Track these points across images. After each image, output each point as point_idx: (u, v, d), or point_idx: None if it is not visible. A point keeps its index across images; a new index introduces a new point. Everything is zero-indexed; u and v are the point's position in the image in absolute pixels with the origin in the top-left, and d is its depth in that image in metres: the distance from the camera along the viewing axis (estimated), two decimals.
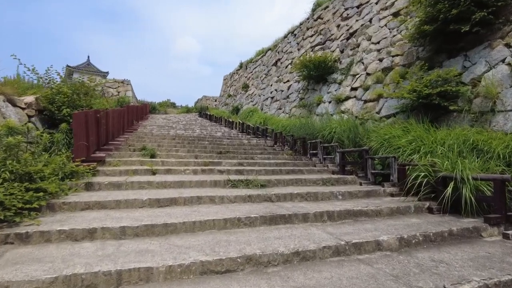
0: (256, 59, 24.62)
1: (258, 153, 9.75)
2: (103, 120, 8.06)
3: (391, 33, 10.59)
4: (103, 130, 8.18)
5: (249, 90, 23.87)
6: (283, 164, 7.99)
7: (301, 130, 10.11)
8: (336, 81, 12.23)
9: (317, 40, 15.77)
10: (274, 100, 17.87)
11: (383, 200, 5.29)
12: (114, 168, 6.26)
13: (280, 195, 4.93)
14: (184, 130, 14.47)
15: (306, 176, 6.73)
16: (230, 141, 11.68)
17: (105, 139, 8.50)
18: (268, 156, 9.02)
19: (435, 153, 5.50)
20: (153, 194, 4.69)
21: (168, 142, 10.39)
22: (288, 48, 19.13)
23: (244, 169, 6.75)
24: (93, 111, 7.24)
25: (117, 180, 5.22)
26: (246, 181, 5.65)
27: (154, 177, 5.74)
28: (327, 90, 12.58)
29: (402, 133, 6.63)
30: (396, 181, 5.92)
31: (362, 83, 10.70)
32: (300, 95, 14.66)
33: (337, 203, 4.88)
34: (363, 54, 11.42)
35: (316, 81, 13.41)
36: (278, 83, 18.25)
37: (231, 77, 30.83)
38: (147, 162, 6.88)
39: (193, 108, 36.65)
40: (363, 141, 7.44)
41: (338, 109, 11.15)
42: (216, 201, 4.57)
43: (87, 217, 3.74)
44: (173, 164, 7.08)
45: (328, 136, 8.79)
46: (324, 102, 12.31)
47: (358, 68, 11.38)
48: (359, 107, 10.26)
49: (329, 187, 5.92)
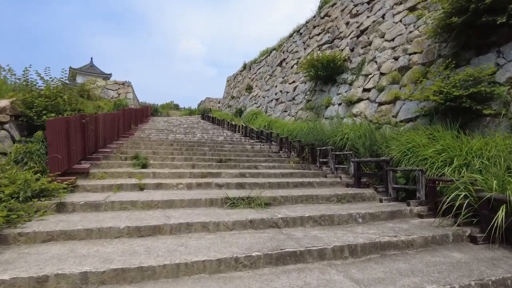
0: (260, 59, 23.79)
1: (262, 160, 8.91)
2: (91, 125, 7.30)
3: (407, 29, 9.70)
4: (91, 137, 7.41)
5: (252, 91, 23.05)
6: (290, 174, 7.14)
7: (309, 136, 9.25)
8: (346, 82, 11.35)
9: (325, 38, 14.91)
10: (279, 102, 17.02)
11: (411, 223, 4.42)
12: (97, 182, 5.47)
13: (289, 219, 4.08)
14: (184, 134, 13.70)
15: (317, 190, 5.87)
16: (232, 147, 10.87)
17: (94, 147, 7.74)
18: (273, 165, 8.18)
19: (472, 166, 4.62)
20: (134, 218, 3.88)
21: (165, 148, 9.60)
22: (294, 47, 18.28)
23: (246, 182, 5.91)
24: (78, 116, 6.48)
25: (95, 200, 4.41)
26: (247, 198, 4.81)
27: (140, 195, 4.93)
28: (337, 91, 11.70)
29: (428, 141, 5.74)
30: (424, 198, 5.04)
31: (376, 83, 9.81)
32: (307, 96, 13.79)
33: (357, 229, 4.02)
34: (376, 53, 10.54)
35: (324, 81, 12.53)
36: (283, 84, 17.41)
37: (235, 78, 30.05)
38: (136, 174, 6.09)
39: (196, 110, 35.94)
40: (381, 149, 6.56)
41: (349, 112, 10.27)
42: (210, 229, 3.74)
43: (45, 255, 2.94)
44: (166, 176, 6.27)
45: (339, 142, 7.92)
46: (333, 104, 11.43)
47: (370, 67, 10.50)
48: (373, 110, 9.37)
49: (346, 206, 5.06)
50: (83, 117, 6.64)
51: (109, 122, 9.31)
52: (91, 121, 7.38)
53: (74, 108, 8.58)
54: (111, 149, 8.36)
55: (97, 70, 45.11)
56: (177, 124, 18.78)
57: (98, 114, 7.82)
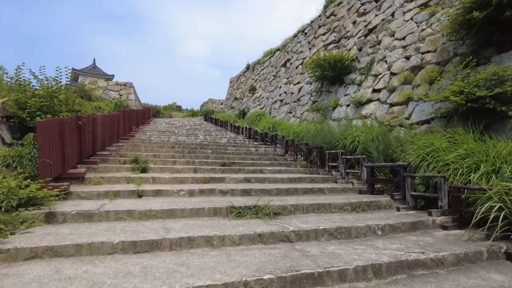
0: (264, 60, 23.42)
1: (267, 164, 8.51)
2: (88, 127, 6.94)
3: (418, 27, 9.28)
4: (89, 139, 7.04)
5: (256, 92, 22.68)
6: (298, 180, 6.72)
7: (316, 138, 8.83)
8: (355, 82, 10.93)
9: (331, 38, 14.51)
10: (284, 103, 16.62)
11: (435, 236, 4.00)
12: (92, 188, 5.09)
13: (302, 232, 3.67)
14: (186, 136, 13.32)
15: (329, 198, 5.46)
16: (236, 149, 10.47)
17: (92, 149, 7.37)
18: (279, 169, 7.77)
19: (503, 174, 4.19)
20: (130, 231, 3.48)
21: (166, 151, 9.23)
22: (298, 47, 17.89)
23: (252, 189, 5.51)
24: (74, 118, 6.11)
25: (88, 209, 4.02)
26: (255, 208, 4.41)
27: (138, 203, 4.53)
28: (344, 92, 11.29)
29: (449, 145, 5.31)
30: (447, 208, 4.61)
31: (386, 84, 9.39)
32: (313, 97, 13.38)
33: (378, 244, 3.60)
34: (386, 52, 10.12)
35: (331, 82, 12.12)
36: (288, 85, 17.01)
37: (238, 79, 29.69)
38: (135, 180, 5.70)
39: (199, 112, 35.60)
40: (396, 153, 6.13)
41: (358, 114, 9.85)
42: (215, 244, 3.33)
43: (25, 277, 2.55)
44: (167, 182, 5.88)
45: (350, 145, 7.50)
46: (341, 105, 11.01)
47: (380, 67, 10.09)
48: (384, 111, 8.95)
49: (361, 216, 4.64)
50: (79, 119, 6.27)
51: (108, 124, 8.95)
52: (89, 123, 7.02)
53: (71, 109, 8.24)
54: (110, 152, 7.99)
55: (99, 71, 44.92)
56: (179, 126, 18.42)
57: (96, 115, 7.46)
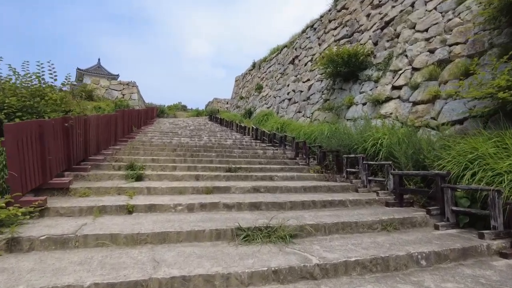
0: (271, 57, 22.59)
1: (277, 169, 7.71)
2: (78, 129, 6.22)
3: (444, 17, 8.38)
4: (79, 143, 6.33)
5: (263, 91, 21.86)
6: (314, 189, 5.91)
7: (332, 140, 7.99)
8: (371, 79, 10.06)
9: (342, 32, 13.63)
10: (292, 102, 15.78)
11: (496, 268, 3.16)
12: (76, 202, 4.34)
13: (328, 266, 2.86)
14: (189, 137, 12.59)
15: (354, 213, 4.63)
16: (242, 152, 9.69)
17: (84, 154, 6.65)
18: (291, 175, 6.96)
19: None
20: (110, 265, 2.72)
21: (166, 154, 8.49)
22: (307, 43, 17.03)
23: (262, 202, 4.71)
24: (59, 119, 5.39)
25: (63, 233, 3.26)
26: (266, 229, 3.61)
27: (126, 222, 3.77)
28: (360, 89, 10.42)
29: (497, 151, 4.45)
30: (502, 228, 3.77)
31: (408, 80, 8.51)
32: (324, 96, 12.53)
33: (428, 282, 2.78)
34: (406, 45, 9.24)
35: (345, 79, 11.26)
36: (296, 83, 16.17)
37: (243, 78, 28.90)
38: (127, 190, 4.95)
39: (204, 112, 34.94)
40: (429, 159, 5.28)
41: (376, 113, 8.99)
42: (217, 286, 2.55)
43: None
44: (163, 193, 5.11)
45: (371, 149, 6.65)
46: (356, 104, 10.15)
47: (400, 62, 9.20)
48: (406, 110, 8.08)
49: (396, 237, 3.81)
50: (66, 120, 5.54)
51: (104, 125, 8.24)
52: (79, 125, 6.30)
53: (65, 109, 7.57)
54: (104, 156, 7.27)
55: (104, 71, 44.59)
56: (183, 126, 17.71)
57: (88, 116, 6.74)
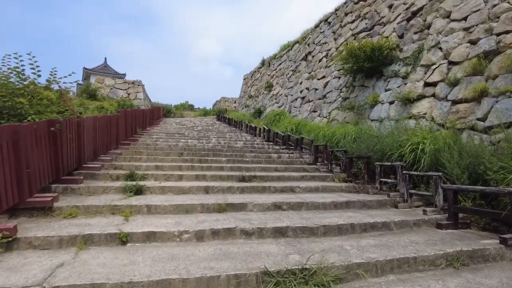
0: (281, 54, 21.60)
1: (297, 178, 6.77)
2: (69, 134, 5.38)
3: (487, 2, 7.32)
4: (71, 149, 5.49)
5: (273, 89, 20.90)
6: (346, 205, 4.95)
7: (361, 145, 6.99)
8: (398, 74, 9.03)
9: (361, 25, 12.59)
10: (306, 101, 14.79)
11: None
12: (57, 227, 3.48)
13: None
14: (197, 139, 11.72)
15: (405, 241, 3.65)
16: (255, 156, 8.78)
17: (77, 161, 5.82)
18: (315, 186, 6.00)
19: None
20: None
21: (172, 160, 7.62)
22: (321, 38, 16.01)
23: (289, 227, 3.77)
24: (43, 123, 4.54)
25: (23, 285, 2.38)
26: (302, 272, 2.69)
27: (117, 259, 2.89)
28: (385, 86, 9.40)
29: None
30: None
31: (445, 75, 7.48)
32: (343, 94, 11.51)
33: None
34: (440, 37, 8.19)
35: (367, 75, 10.24)
36: (310, 80, 15.17)
37: (252, 76, 27.96)
38: (123, 209, 4.08)
39: (211, 111, 34.11)
40: (491, 171, 4.28)
41: (406, 113, 7.97)
42: None
43: None
44: (166, 211, 4.22)
45: (409, 156, 5.66)
46: (382, 102, 9.13)
47: (433, 55, 8.16)
48: (444, 110, 7.05)
49: (471, 279, 2.85)
50: (52, 123, 4.70)
51: (103, 128, 7.41)
52: (71, 128, 5.46)
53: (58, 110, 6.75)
54: (102, 163, 6.44)
55: (111, 70, 44.14)
56: (190, 127, 16.87)
57: (82, 118, 5.89)
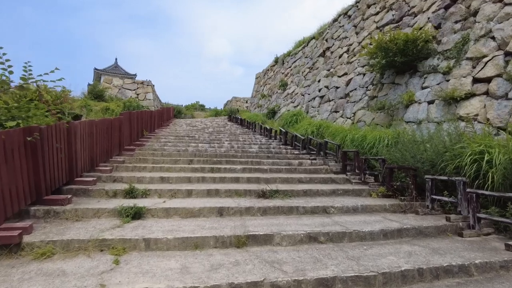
0: (296, 51, 20.48)
1: (327, 192, 5.70)
2: (56, 143, 4.48)
3: None
4: (58, 161, 4.59)
5: (287, 88, 19.80)
6: (399, 234, 3.87)
7: (405, 152, 5.84)
8: (438, 70, 7.84)
9: (387, 17, 11.38)
10: (326, 100, 13.65)
11: None
12: (16, 279, 2.54)
13: None
14: (208, 142, 10.78)
15: None
16: (274, 164, 7.77)
17: (67, 175, 4.92)
18: (352, 205, 4.91)
19: None
20: None
21: (180, 169, 6.68)
22: (341, 33, 14.84)
23: (337, 277, 2.73)
24: (16, 132, 3.64)
25: None
26: None
27: None
28: (421, 83, 8.22)
29: None
30: None
31: (502, 69, 6.28)
32: (370, 92, 10.35)
33: None
34: (492, 24, 6.98)
35: (399, 71, 9.06)
36: (330, 78, 14.02)
37: (265, 74, 26.91)
38: (114, 244, 3.12)
39: (222, 111, 33.22)
40: None
41: (451, 114, 6.79)
42: None
43: None
44: (170, 247, 3.23)
45: (469, 169, 4.52)
46: (418, 102, 7.96)
47: (483, 46, 6.96)
48: (503, 110, 5.86)
49: None
50: (29, 132, 3.79)
51: (102, 133, 6.52)
52: (58, 136, 4.56)
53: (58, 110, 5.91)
54: (99, 175, 5.55)
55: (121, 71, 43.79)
56: (201, 128, 15.97)
57: (73, 123, 4.98)
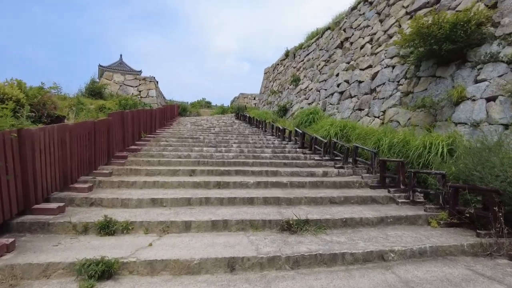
0: (308, 43, 18.94)
1: (373, 222, 4.28)
2: (7, 157, 3.16)
3: None
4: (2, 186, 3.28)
5: (300, 83, 18.30)
6: None
7: (483, 168, 4.29)
8: (498, 58, 6.31)
9: (421, 0, 9.82)
10: (346, 97, 12.14)
11: None
12: None
13: None
14: (214, 145, 9.44)
15: None
16: (293, 174, 6.39)
17: (21, 202, 3.63)
18: (420, 247, 3.51)
19: None
20: None
21: (179, 184, 5.34)
22: (361, 21, 13.29)
23: None
24: None
25: None
26: None
27: None
28: (474, 76, 6.70)
29: None
30: None
31: None
32: (402, 87, 8.83)
33: None
34: None
35: (441, 61, 7.53)
36: (350, 72, 12.50)
37: (274, 69, 25.41)
38: None
39: (229, 108, 31.82)
40: None
41: None
42: None
43: None
44: None
45: None
46: (472, 98, 6.45)
47: None
48: None
49: None
50: None
51: (82, 139, 5.21)
52: (8, 148, 3.25)
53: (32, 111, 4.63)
54: (70, 197, 4.23)
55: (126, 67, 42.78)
56: (206, 128, 14.63)
57: (28, 130, 3.66)
